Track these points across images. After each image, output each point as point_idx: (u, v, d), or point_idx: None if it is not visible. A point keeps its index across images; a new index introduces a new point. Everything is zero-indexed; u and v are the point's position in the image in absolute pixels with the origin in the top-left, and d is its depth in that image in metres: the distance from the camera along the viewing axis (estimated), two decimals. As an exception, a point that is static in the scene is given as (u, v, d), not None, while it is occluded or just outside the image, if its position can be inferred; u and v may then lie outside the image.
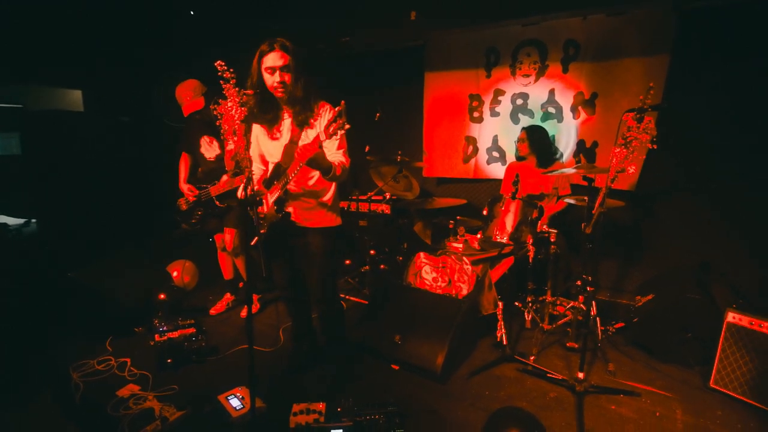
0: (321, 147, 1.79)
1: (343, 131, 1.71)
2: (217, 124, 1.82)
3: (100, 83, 4.04)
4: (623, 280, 3.51)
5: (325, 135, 1.73)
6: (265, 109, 2.01)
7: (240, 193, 1.96)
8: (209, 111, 2.93)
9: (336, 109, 1.70)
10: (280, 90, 1.95)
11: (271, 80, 1.93)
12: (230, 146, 1.86)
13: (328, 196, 2.15)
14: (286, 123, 2.06)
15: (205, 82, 3.09)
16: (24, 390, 2.31)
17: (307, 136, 1.99)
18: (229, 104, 1.76)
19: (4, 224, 3.33)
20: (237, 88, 1.76)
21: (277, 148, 2.07)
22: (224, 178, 2.94)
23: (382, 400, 2.03)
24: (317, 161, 1.82)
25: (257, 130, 2.12)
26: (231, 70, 1.73)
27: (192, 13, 3.97)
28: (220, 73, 1.72)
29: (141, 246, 3.60)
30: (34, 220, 3.28)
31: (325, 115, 2.00)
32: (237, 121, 1.77)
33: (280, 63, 1.91)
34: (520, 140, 3.33)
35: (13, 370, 2.48)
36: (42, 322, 2.86)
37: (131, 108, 4.26)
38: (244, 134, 1.79)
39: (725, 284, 2.73)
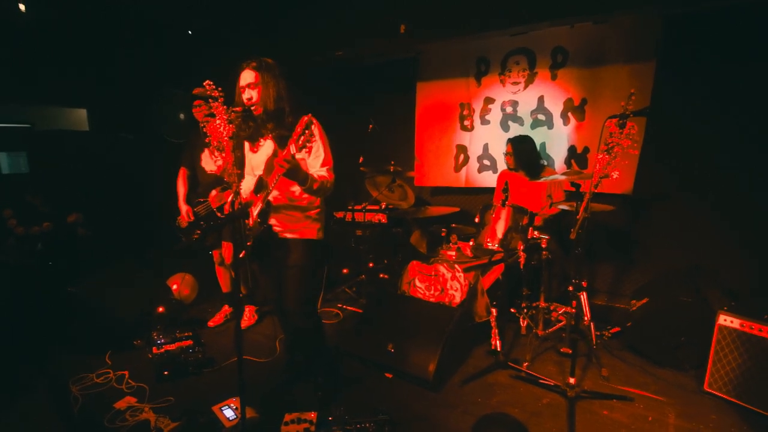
0: (294, 158, 1.82)
1: (315, 144, 1.74)
2: (207, 141, 1.91)
3: (104, 102, 4.18)
4: (621, 284, 3.51)
5: (295, 148, 1.77)
6: (246, 125, 2.08)
7: (227, 207, 2.02)
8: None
9: (303, 122, 1.75)
10: (252, 106, 2.01)
11: (244, 97, 2.01)
12: (219, 162, 1.93)
13: (312, 209, 2.16)
14: (268, 138, 2.11)
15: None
16: (23, 404, 2.34)
17: (288, 150, 2.04)
18: (218, 122, 1.84)
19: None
20: (225, 106, 1.84)
21: (261, 160, 2.13)
22: (213, 193, 2.99)
23: (373, 409, 2.06)
24: (293, 172, 1.86)
25: (246, 145, 2.18)
26: (219, 89, 1.81)
27: (190, 32, 4.12)
28: (209, 92, 1.80)
29: (141, 259, 3.66)
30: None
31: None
32: (225, 138, 1.84)
33: (249, 81, 1.99)
34: (507, 153, 3.31)
35: (13, 383, 2.52)
36: (42, 337, 2.91)
37: (134, 125, 4.39)
38: (232, 150, 1.85)
39: (719, 286, 2.72)
